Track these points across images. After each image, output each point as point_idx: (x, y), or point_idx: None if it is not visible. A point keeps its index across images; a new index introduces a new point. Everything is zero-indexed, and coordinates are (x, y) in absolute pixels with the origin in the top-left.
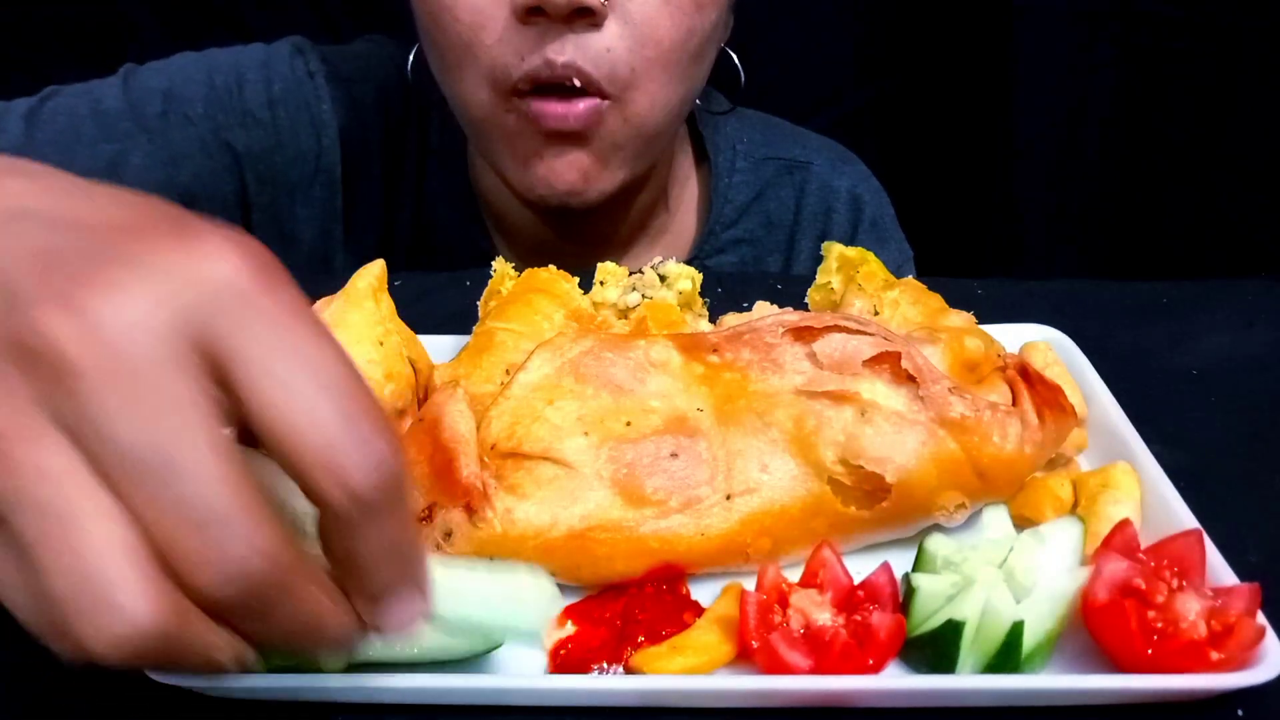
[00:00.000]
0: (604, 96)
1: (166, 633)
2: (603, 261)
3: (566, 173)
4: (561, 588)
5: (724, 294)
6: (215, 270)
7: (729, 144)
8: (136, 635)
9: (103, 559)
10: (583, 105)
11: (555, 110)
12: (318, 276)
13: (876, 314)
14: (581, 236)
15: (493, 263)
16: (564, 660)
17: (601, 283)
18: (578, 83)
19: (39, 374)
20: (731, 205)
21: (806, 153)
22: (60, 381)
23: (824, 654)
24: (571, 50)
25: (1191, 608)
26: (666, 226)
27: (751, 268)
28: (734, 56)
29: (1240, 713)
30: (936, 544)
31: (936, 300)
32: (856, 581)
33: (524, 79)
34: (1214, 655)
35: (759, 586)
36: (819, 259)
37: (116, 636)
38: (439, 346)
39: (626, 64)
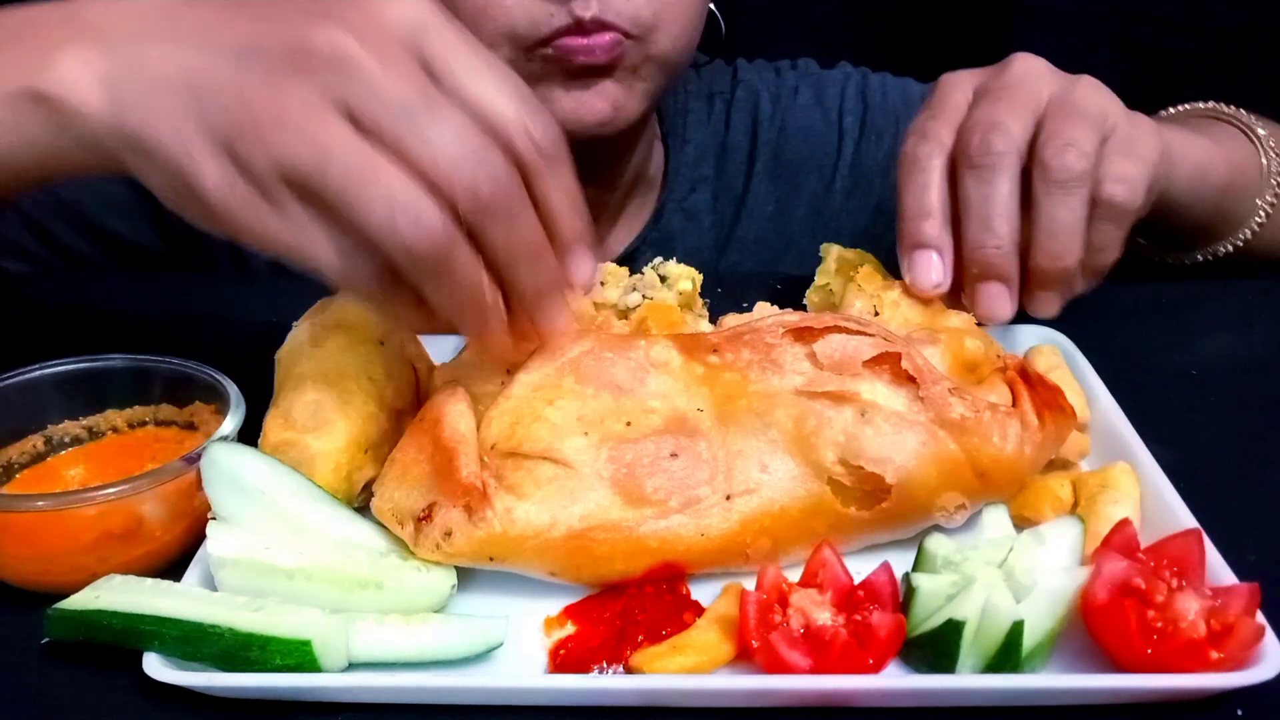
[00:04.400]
0: (627, 36)
1: (452, 236)
2: (597, 214)
3: (596, 103)
4: (561, 588)
5: (724, 294)
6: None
7: (679, 87)
8: (440, 231)
9: (406, 188)
10: (607, 37)
11: (580, 44)
12: (301, 278)
13: (876, 314)
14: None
15: None
16: (564, 660)
17: (602, 283)
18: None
19: (316, 68)
20: (692, 145)
21: (745, 76)
22: (338, 69)
23: (824, 654)
24: (597, 6)
25: (1191, 607)
26: (646, 179)
27: (722, 202)
28: (714, 8)
29: (1240, 712)
30: (936, 544)
31: (937, 300)
32: (856, 581)
33: (553, 34)
34: (1213, 655)
35: (759, 586)
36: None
37: (430, 232)
38: (439, 346)
39: (649, 8)
